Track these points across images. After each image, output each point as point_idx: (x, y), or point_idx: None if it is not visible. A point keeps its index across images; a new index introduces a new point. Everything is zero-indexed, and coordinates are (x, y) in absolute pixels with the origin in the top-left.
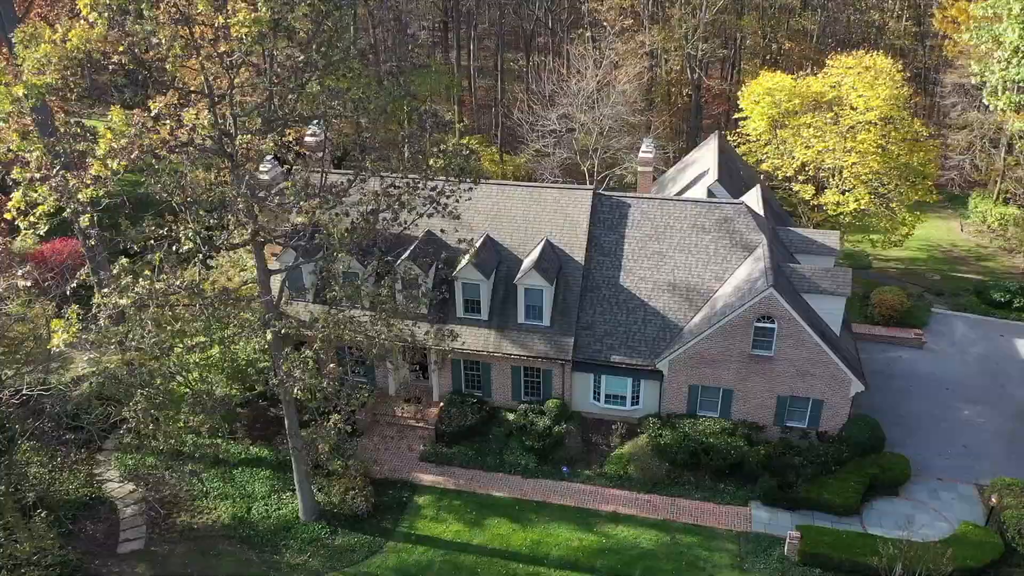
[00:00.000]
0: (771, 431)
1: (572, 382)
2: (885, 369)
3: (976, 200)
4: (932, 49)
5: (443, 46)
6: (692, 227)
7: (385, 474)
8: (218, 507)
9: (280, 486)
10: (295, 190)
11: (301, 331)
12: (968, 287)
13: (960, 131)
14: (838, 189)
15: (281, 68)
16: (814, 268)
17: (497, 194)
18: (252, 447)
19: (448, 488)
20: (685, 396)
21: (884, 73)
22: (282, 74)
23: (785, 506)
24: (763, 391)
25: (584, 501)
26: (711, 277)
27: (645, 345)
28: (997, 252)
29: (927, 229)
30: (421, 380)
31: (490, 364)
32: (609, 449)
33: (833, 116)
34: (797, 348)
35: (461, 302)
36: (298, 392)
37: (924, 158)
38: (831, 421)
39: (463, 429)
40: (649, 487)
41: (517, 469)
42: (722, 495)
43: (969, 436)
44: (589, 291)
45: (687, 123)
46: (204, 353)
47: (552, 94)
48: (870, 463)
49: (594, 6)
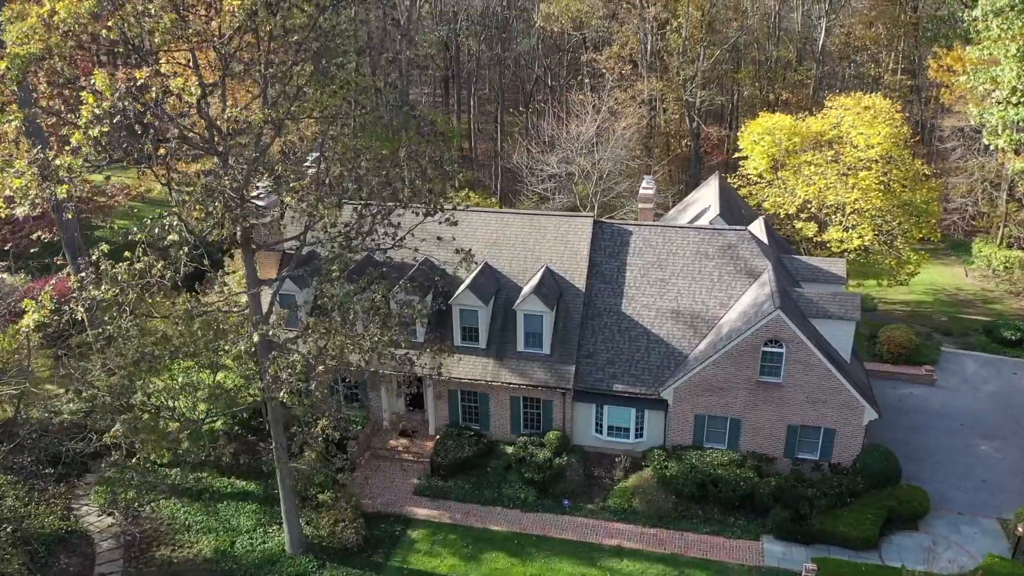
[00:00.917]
0: (782, 463)
1: (573, 413)
2: (897, 405)
3: (980, 245)
4: (928, 101)
5: (444, 107)
6: (695, 254)
7: (377, 507)
8: (200, 540)
9: (267, 519)
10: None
11: (290, 346)
12: (977, 327)
13: (960, 175)
14: (841, 226)
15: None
16: (822, 293)
17: (496, 222)
18: (239, 481)
19: (443, 522)
20: (691, 427)
21: (883, 112)
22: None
23: (799, 539)
24: (772, 420)
25: (586, 535)
26: (716, 304)
27: (648, 373)
28: (1004, 296)
29: (931, 274)
30: (416, 413)
31: (488, 395)
32: (612, 483)
33: (834, 154)
34: (807, 374)
35: (459, 330)
36: (284, 396)
37: (927, 196)
38: (844, 452)
39: (459, 461)
40: (655, 521)
41: (516, 503)
42: (732, 529)
43: (987, 470)
44: (590, 319)
45: (686, 172)
46: (190, 378)
47: (552, 139)
48: (887, 495)
49: (593, 56)
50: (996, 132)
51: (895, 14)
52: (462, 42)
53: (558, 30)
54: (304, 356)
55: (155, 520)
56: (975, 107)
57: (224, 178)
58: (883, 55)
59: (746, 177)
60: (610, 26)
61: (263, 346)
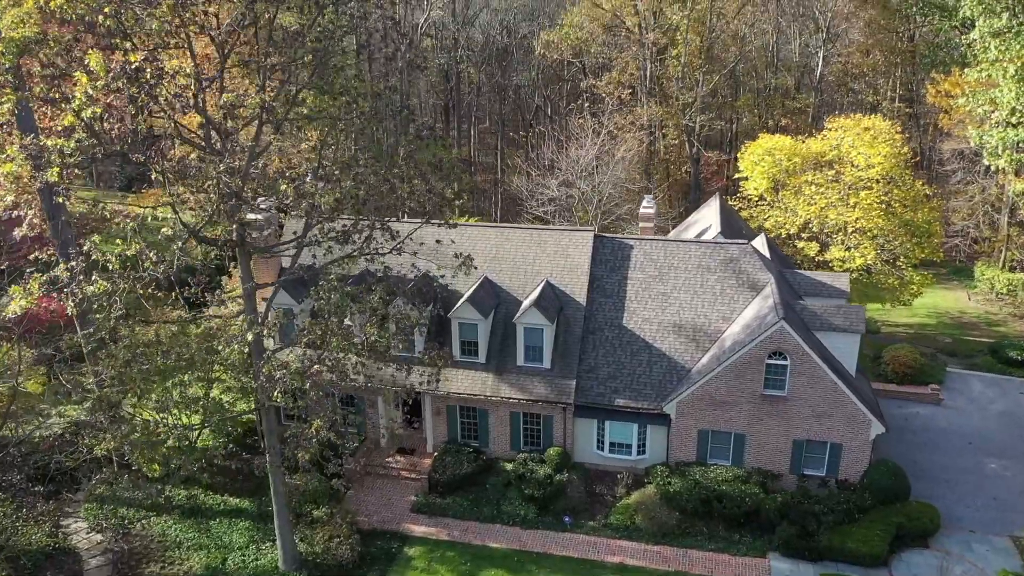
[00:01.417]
0: (787, 480)
1: (574, 429)
2: (903, 424)
3: (982, 268)
4: (927, 128)
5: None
6: (697, 267)
7: (374, 525)
8: (191, 557)
9: (260, 536)
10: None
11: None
12: (982, 348)
13: (961, 198)
14: (843, 246)
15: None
16: (825, 305)
17: (496, 236)
18: (232, 498)
19: (441, 539)
20: (694, 442)
21: (883, 133)
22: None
23: (807, 556)
24: (777, 435)
25: (588, 552)
26: (718, 317)
27: (651, 388)
28: (1008, 318)
29: (934, 298)
30: (414, 431)
31: (487, 411)
32: (614, 500)
33: (835, 174)
34: (812, 387)
35: (458, 343)
36: (278, 396)
37: (928, 216)
38: (851, 468)
39: (458, 478)
40: (658, 538)
41: (516, 520)
42: (738, 546)
43: (998, 489)
44: (591, 333)
45: (686, 198)
46: (183, 393)
47: (552, 163)
48: (895, 512)
49: (593, 83)
50: (996, 152)
51: (892, 43)
52: (463, 70)
53: (558, 57)
54: (300, 357)
55: (145, 537)
56: (974, 129)
57: (220, 164)
58: (881, 82)
59: (746, 199)
60: (610, 52)
61: (257, 346)
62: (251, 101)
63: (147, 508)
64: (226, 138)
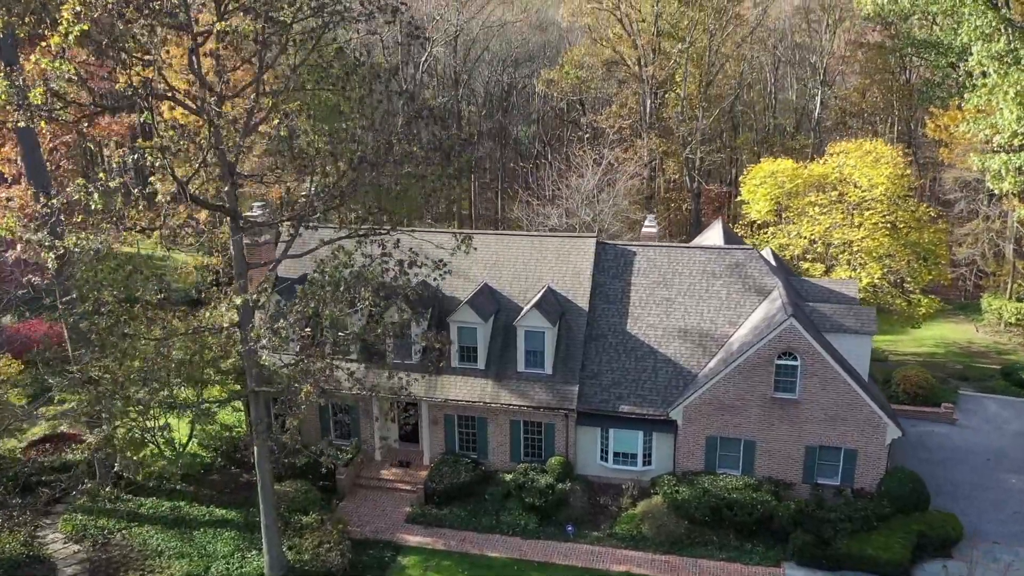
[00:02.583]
0: (800, 490)
1: (577, 438)
2: (918, 442)
3: (989, 299)
4: (926, 165)
5: None
6: (702, 273)
7: (366, 534)
8: (172, 565)
9: (245, 545)
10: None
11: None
12: (994, 374)
13: (964, 226)
14: (849, 265)
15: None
16: (835, 307)
17: (496, 243)
18: (218, 509)
19: (437, 548)
20: (702, 450)
21: (885, 156)
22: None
23: (824, 565)
24: (789, 441)
25: (593, 561)
26: (724, 322)
27: (656, 394)
28: (1018, 348)
29: (942, 330)
30: (411, 444)
31: (487, 419)
32: (619, 511)
33: (838, 195)
34: (824, 388)
35: (456, 350)
36: (265, 358)
37: (933, 237)
38: (867, 476)
39: (456, 487)
40: (667, 547)
41: (516, 529)
42: (750, 555)
43: (1020, 503)
44: (594, 339)
45: (686, 232)
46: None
47: (553, 195)
48: (915, 520)
49: (593, 118)
50: (1000, 176)
51: (888, 83)
52: (463, 109)
53: (559, 96)
54: (291, 323)
55: (125, 547)
56: (976, 156)
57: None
58: (879, 121)
59: (749, 225)
60: (609, 88)
61: (246, 316)
62: (245, 28)
63: (128, 519)
64: (221, 102)
